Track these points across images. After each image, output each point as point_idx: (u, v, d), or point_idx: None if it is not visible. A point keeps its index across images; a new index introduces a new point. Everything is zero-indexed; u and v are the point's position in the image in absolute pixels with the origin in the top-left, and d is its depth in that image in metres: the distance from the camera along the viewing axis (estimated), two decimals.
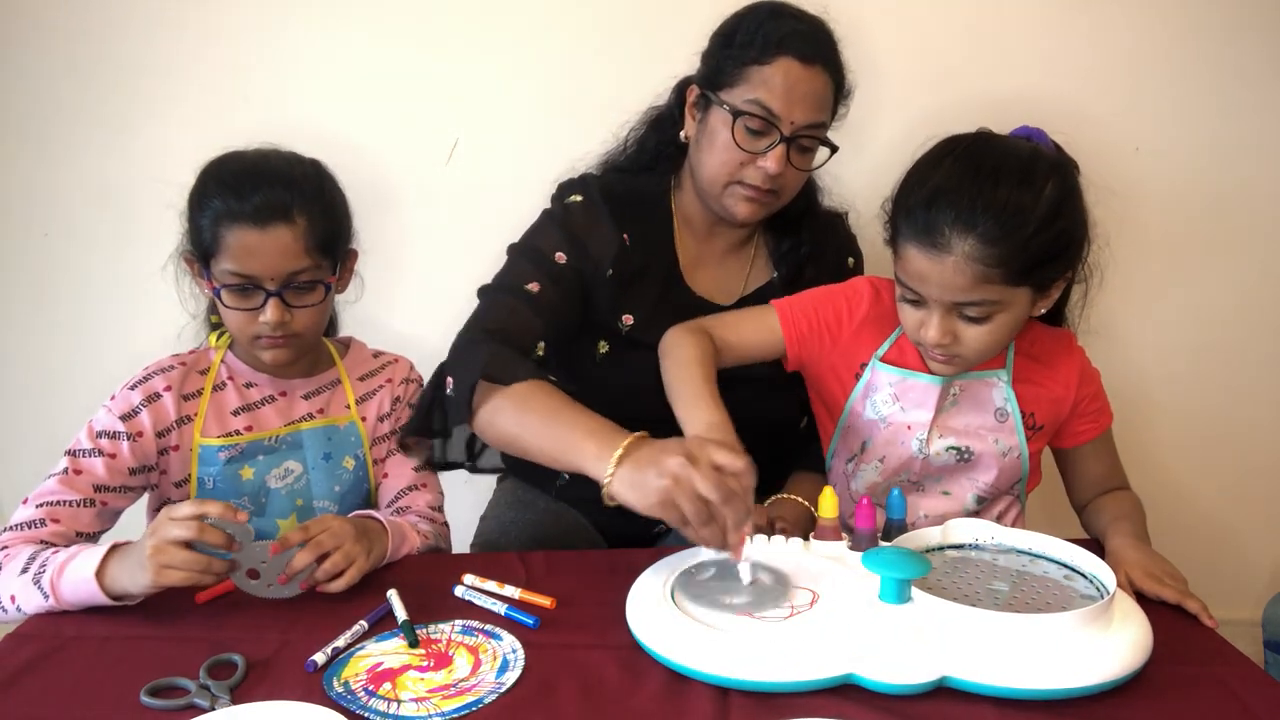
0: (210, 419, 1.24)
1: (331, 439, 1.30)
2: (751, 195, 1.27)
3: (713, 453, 0.95)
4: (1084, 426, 1.25)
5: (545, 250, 1.30)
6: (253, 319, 1.19)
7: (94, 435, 1.18)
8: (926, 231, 1.06)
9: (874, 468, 1.24)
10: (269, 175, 1.19)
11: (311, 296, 1.21)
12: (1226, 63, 1.76)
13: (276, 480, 1.26)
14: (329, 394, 1.32)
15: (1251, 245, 1.84)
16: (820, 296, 1.25)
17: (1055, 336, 1.24)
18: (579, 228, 1.32)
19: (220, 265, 1.17)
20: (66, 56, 1.80)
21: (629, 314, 1.32)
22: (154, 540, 0.99)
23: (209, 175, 1.21)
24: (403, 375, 1.38)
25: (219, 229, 1.16)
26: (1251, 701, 0.85)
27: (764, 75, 1.22)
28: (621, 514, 1.44)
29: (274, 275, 1.17)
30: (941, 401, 1.19)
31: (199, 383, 1.25)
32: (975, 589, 0.96)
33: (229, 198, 1.16)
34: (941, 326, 1.10)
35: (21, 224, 1.88)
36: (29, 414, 1.97)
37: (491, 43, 1.78)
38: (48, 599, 1.02)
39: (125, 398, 1.21)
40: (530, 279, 1.27)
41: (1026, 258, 1.05)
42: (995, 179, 1.04)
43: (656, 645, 0.91)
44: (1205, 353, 1.89)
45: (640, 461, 0.97)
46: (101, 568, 1.02)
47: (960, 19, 1.76)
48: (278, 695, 0.87)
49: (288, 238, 1.17)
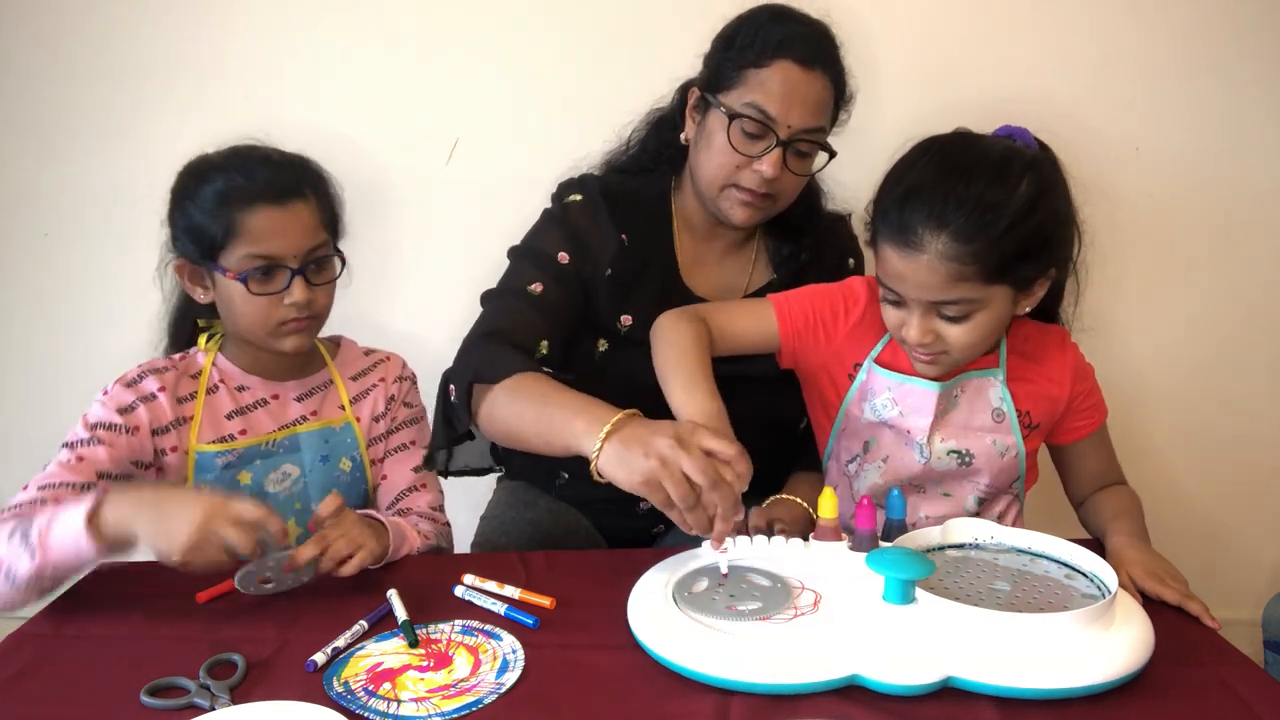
0: (205, 424, 1.22)
1: (329, 441, 1.29)
2: (747, 199, 1.27)
3: (704, 437, 0.94)
4: (1079, 423, 1.25)
5: (547, 250, 1.30)
6: (277, 304, 1.17)
7: (90, 426, 1.16)
8: (900, 231, 1.06)
9: (877, 468, 1.24)
10: (267, 157, 1.19)
11: (329, 272, 1.22)
12: (1227, 63, 1.76)
13: (274, 484, 1.26)
14: (322, 395, 1.31)
15: (1252, 244, 1.84)
16: (817, 293, 1.25)
17: (1047, 334, 1.23)
18: (579, 227, 1.32)
19: (238, 252, 1.15)
20: (67, 57, 1.80)
21: (627, 314, 1.32)
22: (203, 525, 0.96)
23: (201, 169, 1.19)
24: (395, 373, 1.36)
25: (232, 214, 1.14)
26: (1252, 701, 0.85)
27: (761, 78, 1.21)
28: (622, 514, 1.46)
29: (296, 252, 1.16)
30: (941, 405, 1.19)
31: (191, 386, 1.24)
32: (977, 589, 0.96)
33: (237, 180, 1.15)
34: (921, 326, 1.10)
35: (21, 224, 1.88)
36: (28, 414, 1.97)
37: (492, 43, 1.78)
38: (34, 557, 0.97)
39: (119, 394, 1.19)
40: (533, 280, 1.27)
41: (1001, 255, 1.04)
42: (968, 177, 1.04)
43: (658, 647, 0.91)
44: (1207, 352, 1.89)
45: (628, 439, 0.96)
46: (97, 511, 0.97)
47: (963, 21, 1.76)
48: (278, 695, 0.87)
49: (305, 212, 1.17)
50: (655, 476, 0.92)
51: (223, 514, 0.97)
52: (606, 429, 0.98)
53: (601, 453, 0.97)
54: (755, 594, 0.98)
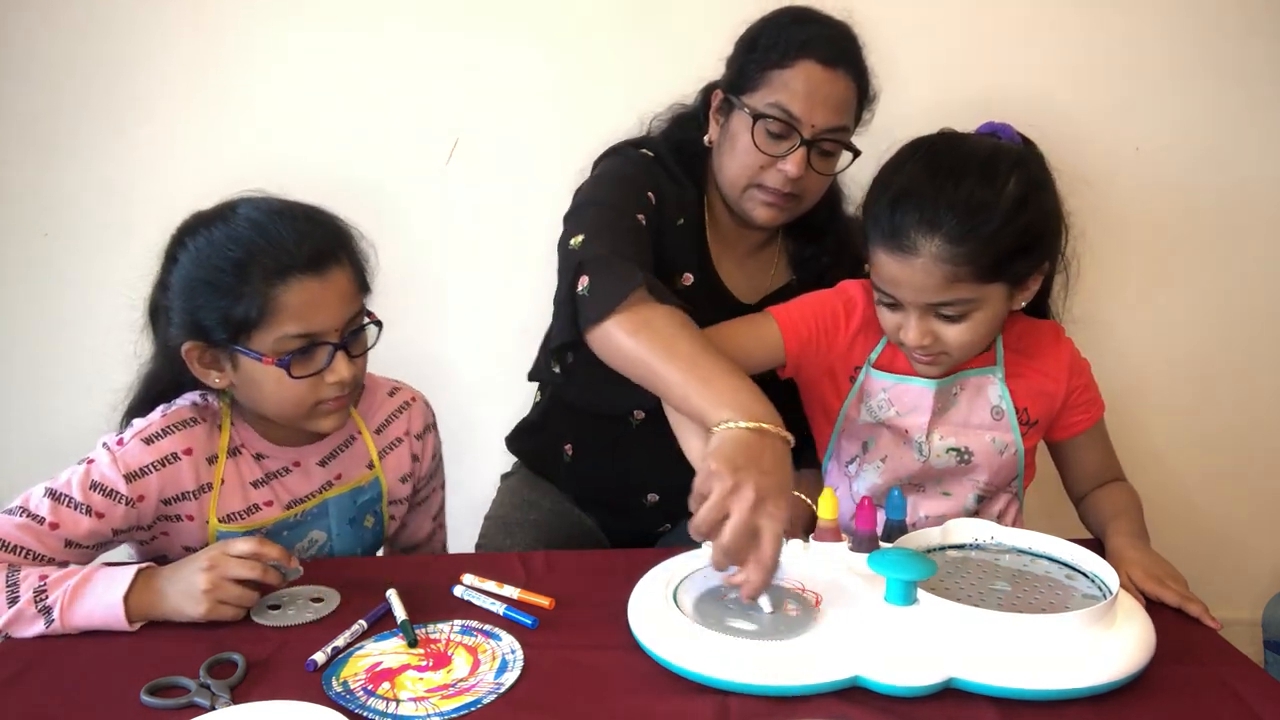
0: (228, 493, 1.12)
1: (356, 502, 1.21)
2: (771, 199, 1.27)
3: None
4: (1077, 418, 1.25)
5: (638, 187, 1.26)
6: (317, 384, 1.05)
7: (88, 486, 1.03)
8: (893, 235, 1.06)
9: (876, 468, 1.24)
10: (293, 218, 1.05)
11: (365, 341, 1.10)
12: (1227, 62, 1.76)
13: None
14: (346, 454, 1.20)
15: (1251, 242, 1.84)
16: (817, 301, 1.24)
17: (1042, 329, 1.23)
18: (655, 174, 1.30)
19: (276, 333, 1.02)
20: (67, 57, 1.80)
21: (689, 273, 1.32)
22: (212, 576, 0.97)
23: (213, 236, 1.03)
24: (419, 425, 1.27)
25: (271, 290, 1.00)
26: (1252, 701, 0.85)
27: (785, 78, 1.22)
28: (627, 510, 1.46)
29: (337, 326, 1.05)
30: (939, 404, 1.19)
31: (215, 444, 1.11)
32: (977, 589, 0.96)
33: (264, 249, 1.01)
34: (919, 328, 1.10)
35: (21, 224, 1.88)
36: (28, 414, 1.96)
37: (492, 42, 1.78)
38: (50, 625, 0.96)
39: (135, 452, 1.06)
40: (636, 210, 1.23)
41: (995, 254, 1.05)
42: (956, 178, 1.05)
43: (658, 648, 0.91)
44: (1206, 351, 1.89)
45: (738, 445, 0.92)
46: (127, 593, 0.97)
47: (981, 20, 1.75)
48: (277, 694, 0.87)
49: (343, 280, 1.06)
50: (724, 507, 0.89)
51: (223, 557, 0.99)
52: (736, 425, 0.94)
53: (718, 438, 0.94)
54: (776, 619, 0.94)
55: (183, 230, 1.08)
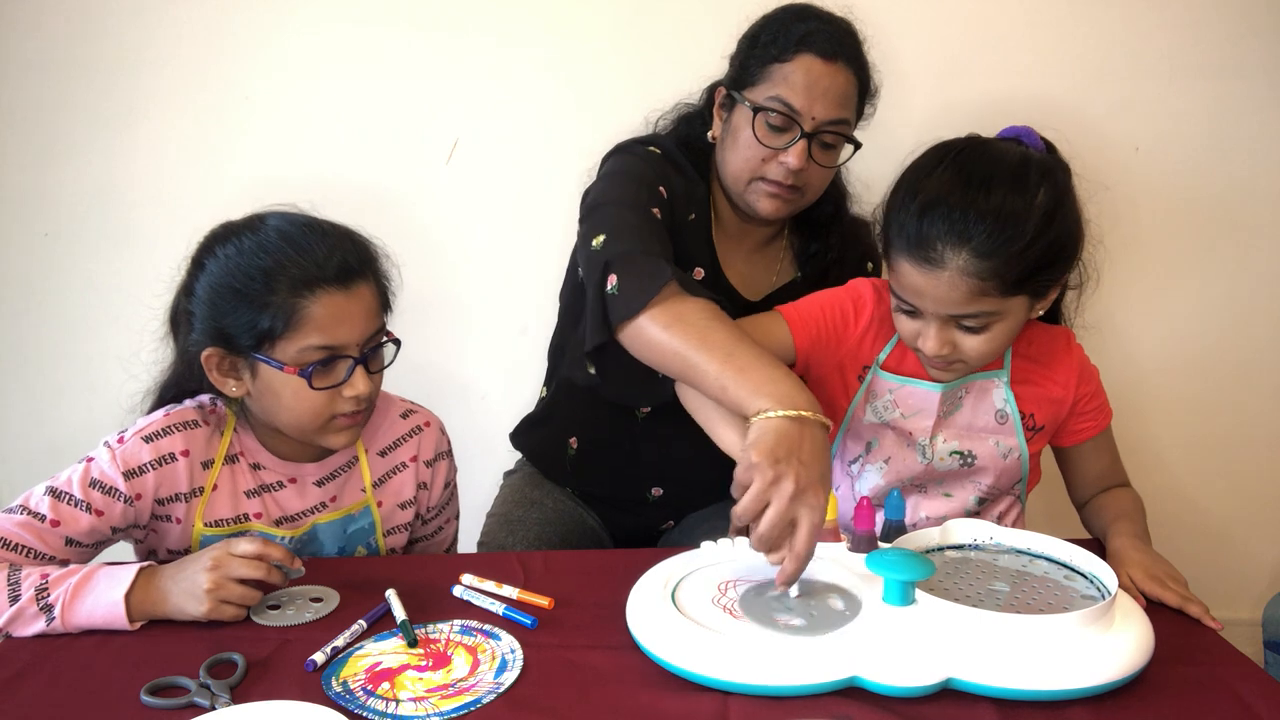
0: (220, 499, 1.12)
1: (346, 530, 1.19)
2: (774, 191, 1.28)
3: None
4: (1084, 425, 1.24)
5: (650, 183, 1.27)
6: (334, 397, 1.06)
7: (88, 484, 1.05)
8: (919, 245, 1.05)
9: (878, 468, 1.24)
10: (321, 232, 1.06)
11: (382, 359, 1.11)
12: (1226, 62, 1.76)
13: None
14: (344, 478, 1.18)
15: (1252, 243, 1.84)
16: (826, 299, 1.24)
17: (1052, 336, 1.23)
18: (664, 170, 1.31)
19: (300, 343, 1.03)
20: (67, 56, 1.80)
21: (700, 266, 1.33)
22: (215, 575, 0.97)
23: (243, 246, 1.05)
24: (431, 450, 1.24)
25: (298, 300, 1.02)
26: (1252, 701, 0.85)
27: (785, 72, 1.24)
28: (630, 508, 1.46)
29: (359, 340, 1.06)
30: (944, 407, 1.19)
31: (215, 448, 1.12)
32: (976, 590, 0.96)
33: (293, 259, 1.02)
34: (939, 338, 1.09)
35: (21, 224, 1.88)
36: (28, 414, 1.96)
37: (492, 42, 1.78)
38: (50, 623, 0.96)
39: (134, 450, 1.07)
40: (651, 205, 1.24)
41: (1022, 268, 1.04)
42: (987, 189, 1.03)
43: (656, 648, 0.91)
44: (1207, 352, 1.89)
45: (779, 436, 0.93)
46: (128, 592, 0.97)
47: (984, 18, 1.75)
48: (277, 694, 0.87)
49: (368, 295, 1.07)
50: (767, 492, 0.90)
51: (226, 556, 0.99)
52: (779, 413, 0.95)
53: (758, 428, 0.95)
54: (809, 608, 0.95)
55: (212, 238, 1.09)
